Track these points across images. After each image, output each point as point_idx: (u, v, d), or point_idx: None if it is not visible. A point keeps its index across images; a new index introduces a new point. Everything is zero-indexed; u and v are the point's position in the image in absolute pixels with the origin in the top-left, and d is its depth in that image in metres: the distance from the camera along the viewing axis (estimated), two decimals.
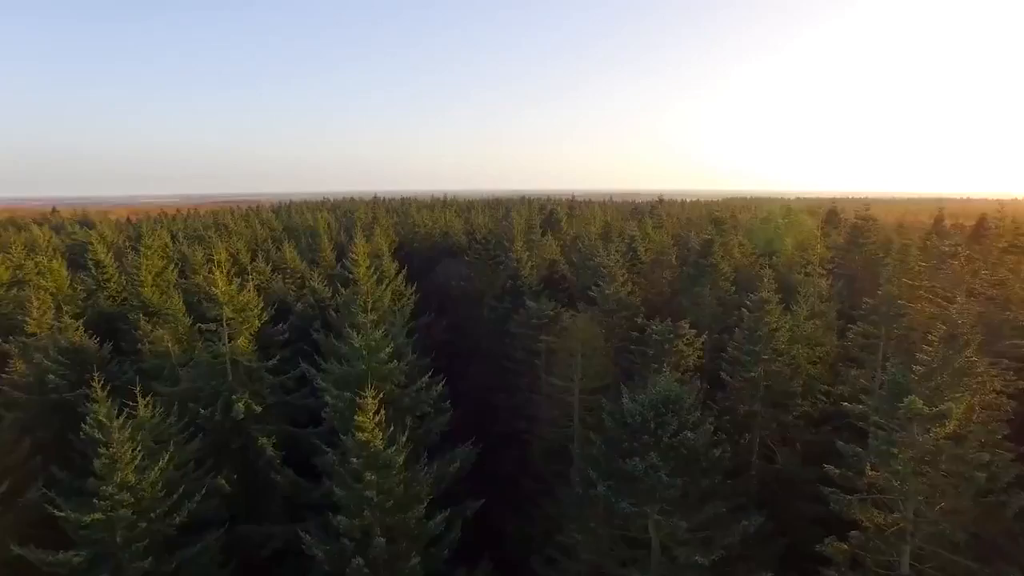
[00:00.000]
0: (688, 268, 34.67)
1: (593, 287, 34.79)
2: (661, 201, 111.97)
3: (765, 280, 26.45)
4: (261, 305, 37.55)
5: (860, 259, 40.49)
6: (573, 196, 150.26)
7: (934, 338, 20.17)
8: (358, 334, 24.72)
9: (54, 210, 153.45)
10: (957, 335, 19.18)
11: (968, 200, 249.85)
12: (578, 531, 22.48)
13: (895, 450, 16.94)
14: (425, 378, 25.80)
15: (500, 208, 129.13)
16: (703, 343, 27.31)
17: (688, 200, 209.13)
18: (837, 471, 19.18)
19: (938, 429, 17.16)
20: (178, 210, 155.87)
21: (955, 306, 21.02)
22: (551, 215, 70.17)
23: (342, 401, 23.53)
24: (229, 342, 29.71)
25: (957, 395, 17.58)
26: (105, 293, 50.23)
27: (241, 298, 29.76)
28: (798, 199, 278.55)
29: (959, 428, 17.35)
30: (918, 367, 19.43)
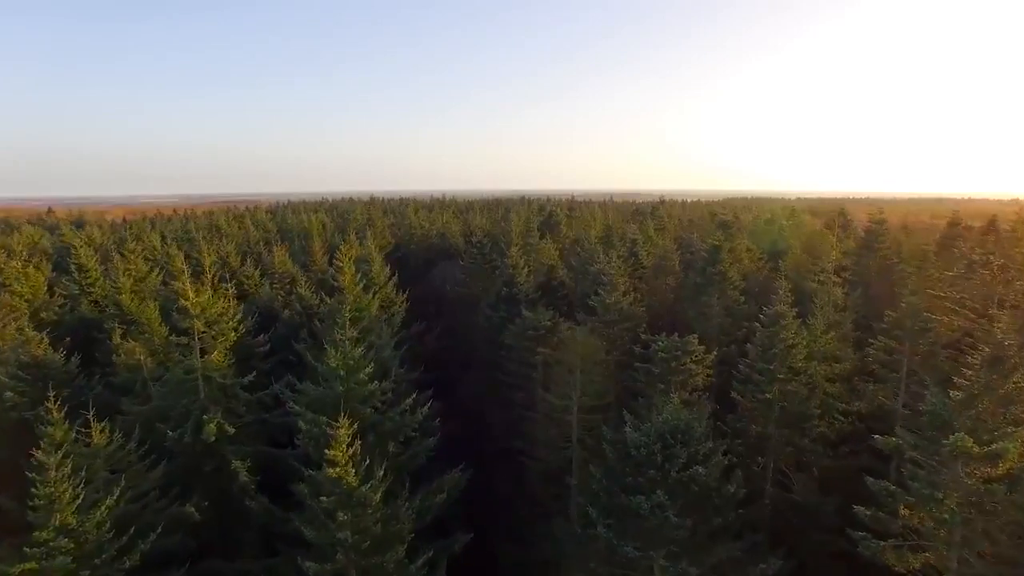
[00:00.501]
0: (694, 276, 32.39)
1: (593, 296, 32.51)
2: (662, 202, 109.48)
3: (781, 292, 24.13)
4: (239, 315, 35.30)
5: (874, 265, 38.20)
6: (572, 196, 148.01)
7: (974, 360, 17.89)
8: (336, 351, 22.44)
9: (50, 210, 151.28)
10: (1003, 357, 16.88)
11: (970, 200, 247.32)
12: (576, 571, 20.24)
13: (939, 494, 14.65)
14: (410, 400, 23.51)
15: (499, 209, 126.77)
16: (712, 359, 25.01)
17: (688, 200, 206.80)
18: (867, 512, 16.91)
19: (988, 470, 14.91)
20: (175, 210, 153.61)
21: (999, 325, 18.74)
22: (550, 217, 67.81)
23: (317, 426, 21.24)
24: (202, 356, 27.45)
25: (1009, 429, 15.29)
26: (89, 298, 48.00)
27: (214, 309, 27.47)
28: (799, 199, 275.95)
29: (1012, 467, 15.08)
30: (956, 393, 17.17)
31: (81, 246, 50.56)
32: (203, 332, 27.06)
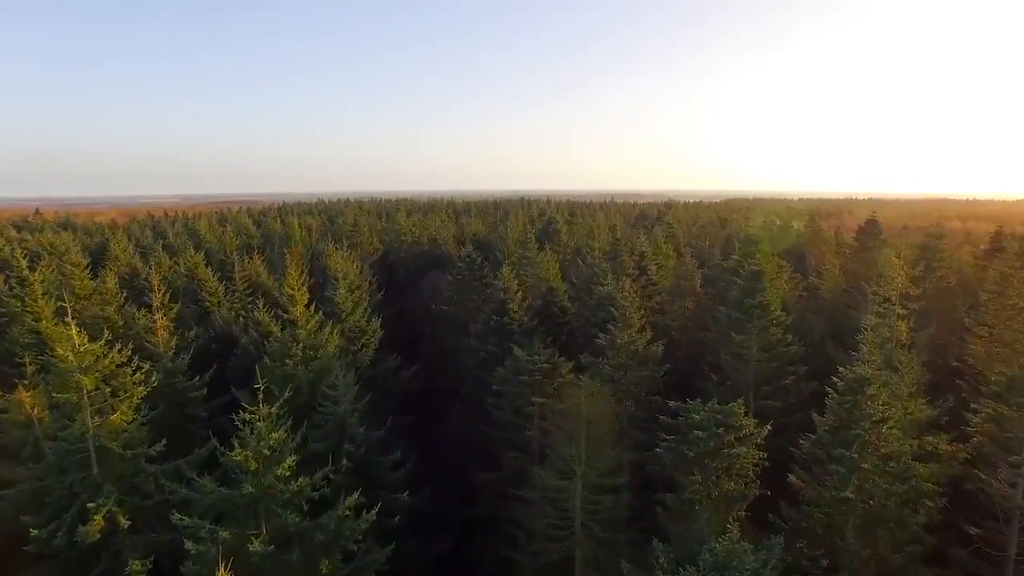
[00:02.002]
0: (728, 309, 25.59)
1: (601, 334, 25.76)
2: (669, 207, 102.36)
3: (865, 349, 17.35)
4: (171, 351, 28.63)
5: (933, 289, 31.47)
6: (570, 198, 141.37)
7: None
8: (250, 434, 15.73)
9: (37, 211, 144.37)
10: None
11: (974, 201, 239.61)
12: None
13: None
14: (352, 499, 16.70)
15: (497, 212, 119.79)
16: (765, 434, 18.19)
17: (690, 201, 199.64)
18: None
19: None
20: (166, 212, 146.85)
21: None
22: (549, 224, 60.98)
23: (215, 543, 14.57)
24: (97, 419, 20.71)
25: None
26: (30, 317, 41.18)
27: (110, 361, 20.66)
28: (800, 200, 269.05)
29: None
30: None
31: (20, 258, 43.74)
32: (94, 391, 20.29)
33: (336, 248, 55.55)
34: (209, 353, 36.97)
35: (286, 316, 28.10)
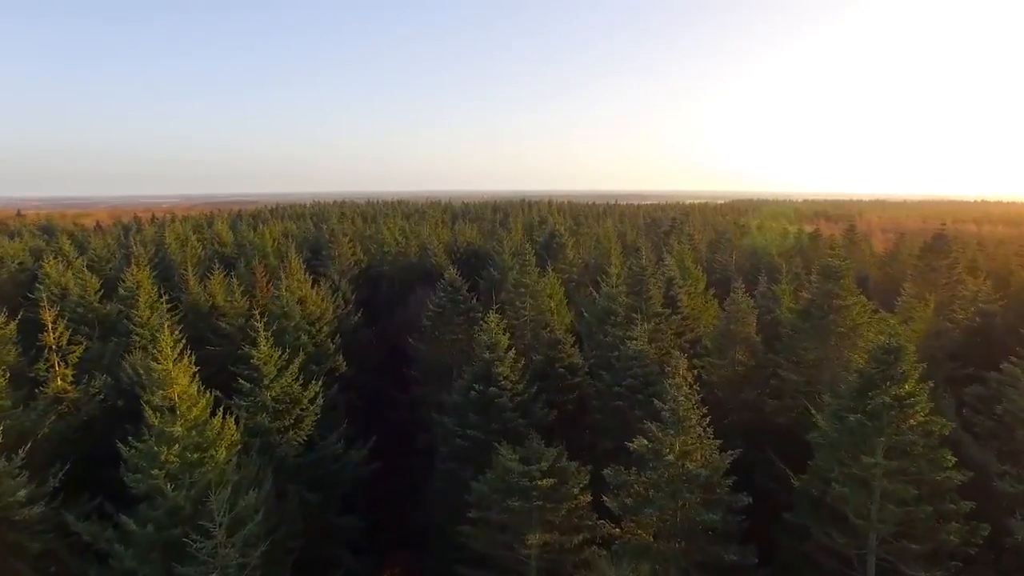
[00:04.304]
0: (841, 407, 15.55)
1: (636, 439, 15.92)
2: (687, 213, 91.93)
3: None
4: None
5: None
6: (571, 199, 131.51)
7: None
8: None
9: (19, 213, 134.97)
10: None
11: (983, 202, 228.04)
12: None
13: None
14: None
15: (496, 215, 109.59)
16: None
17: (695, 203, 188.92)
18: None
19: None
20: (154, 214, 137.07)
21: None
22: (552, 237, 51.12)
23: None
24: None
25: None
26: None
27: None
28: (805, 201, 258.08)
29: None
30: None
31: None
32: None
33: (300, 265, 45.70)
34: (114, 414, 27.26)
35: (157, 401, 18.14)
